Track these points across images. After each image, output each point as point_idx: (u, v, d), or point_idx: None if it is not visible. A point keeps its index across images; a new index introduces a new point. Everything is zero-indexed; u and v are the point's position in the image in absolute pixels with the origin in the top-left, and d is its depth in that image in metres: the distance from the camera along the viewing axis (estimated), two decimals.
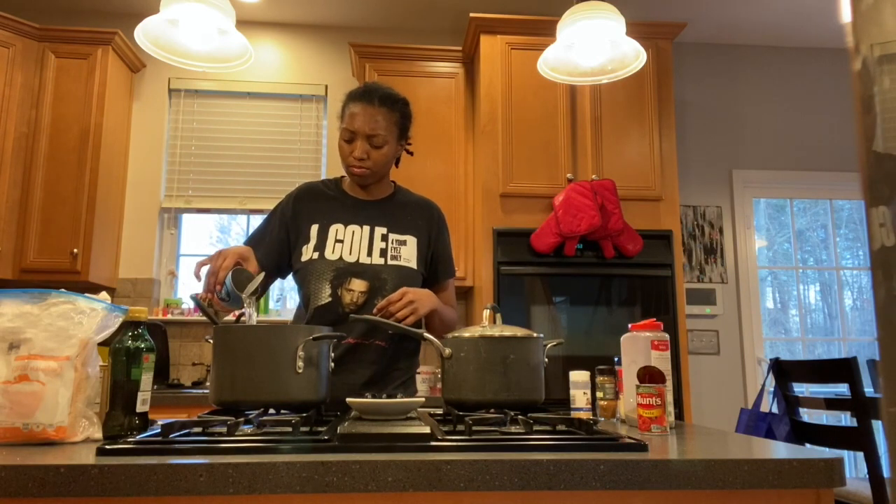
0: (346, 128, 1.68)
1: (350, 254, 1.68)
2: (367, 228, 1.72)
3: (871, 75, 0.52)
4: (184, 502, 0.91)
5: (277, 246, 1.74)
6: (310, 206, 1.75)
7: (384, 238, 1.72)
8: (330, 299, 1.66)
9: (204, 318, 3.51)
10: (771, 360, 2.50)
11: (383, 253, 1.70)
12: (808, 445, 2.31)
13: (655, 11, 3.88)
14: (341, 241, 1.69)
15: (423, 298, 1.61)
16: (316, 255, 1.68)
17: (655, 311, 3.15)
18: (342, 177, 1.84)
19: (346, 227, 1.71)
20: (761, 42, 4.22)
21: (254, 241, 1.75)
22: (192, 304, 3.64)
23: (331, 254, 1.68)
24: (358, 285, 1.66)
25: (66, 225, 3.30)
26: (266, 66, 3.94)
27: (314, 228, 1.71)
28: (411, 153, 1.86)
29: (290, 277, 1.80)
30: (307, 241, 1.71)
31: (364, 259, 1.68)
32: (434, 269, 1.81)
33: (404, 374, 1.75)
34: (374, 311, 1.58)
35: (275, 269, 1.74)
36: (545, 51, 2.00)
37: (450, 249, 1.85)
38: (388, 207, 1.78)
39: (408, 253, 1.73)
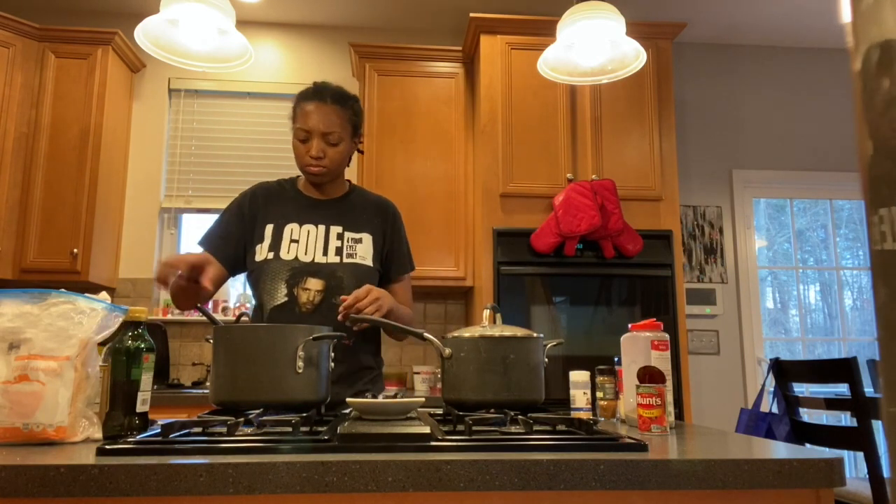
0: (301, 127, 1.69)
1: (305, 253, 1.68)
2: (322, 228, 1.72)
3: (871, 75, 0.52)
4: (184, 502, 0.91)
5: (236, 242, 1.73)
6: (265, 206, 1.75)
7: (339, 237, 1.72)
8: (286, 299, 1.66)
9: (204, 318, 3.50)
10: (771, 360, 2.50)
11: (339, 251, 1.70)
12: (808, 445, 2.31)
13: (655, 11, 3.88)
14: (296, 241, 1.69)
15: (385, 296, 1.62)
16: (271, 256, 1.67)
17: (655, 311, 3.15)
18: (298, 176, 1.84)
19: (301, 227, 1.72)
20: (761, 42, 4.22)
21: (214, 239, 1.73)
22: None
23: (286, 254, 1.68)
24: (314, 284, 1.66)
25: (66, 225, 3.29)
26: (266, 66, 3.93)
27: (269, 228, 1.71)
28: (362, 151, 1.91)
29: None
30: (261, 240, 1.70)
31: (319, 258, 1.68)
32: (389, 265, 1.81)
33: (371, 371, 1.77)
34: (341, 307, 1.57)
35: (232, 267, 1.74)
36: (545, 51, 2.00)
37: (406, 246, 1.86)
38: (343, 206, 1.78)
39: (363, 251, 1.73)
